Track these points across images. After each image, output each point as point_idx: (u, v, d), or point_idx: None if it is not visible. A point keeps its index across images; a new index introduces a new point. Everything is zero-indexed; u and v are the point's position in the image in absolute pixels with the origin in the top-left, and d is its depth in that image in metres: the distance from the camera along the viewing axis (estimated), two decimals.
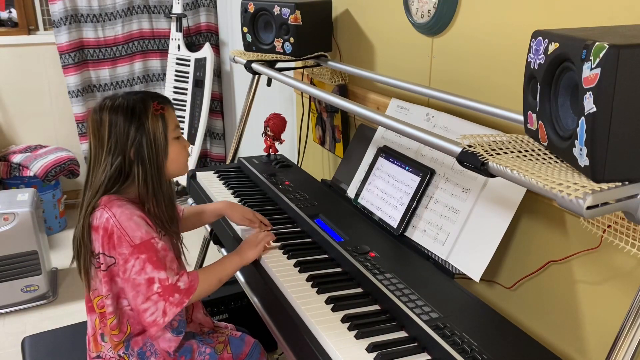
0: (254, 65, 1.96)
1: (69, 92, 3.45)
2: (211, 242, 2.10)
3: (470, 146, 1.02)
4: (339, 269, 1.39)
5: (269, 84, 2.10)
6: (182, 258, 1.44)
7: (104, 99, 1.31)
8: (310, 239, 1.54)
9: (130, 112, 1.26)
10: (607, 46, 0.72)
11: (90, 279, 1.31)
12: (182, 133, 3.45)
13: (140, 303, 1.23)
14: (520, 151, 0.98)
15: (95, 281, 1.30)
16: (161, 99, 1.33)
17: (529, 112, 0.96)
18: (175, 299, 1.23)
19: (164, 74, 3.61)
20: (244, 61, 1.99)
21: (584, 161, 0.80)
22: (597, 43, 0.74)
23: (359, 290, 1.30)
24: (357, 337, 1.11)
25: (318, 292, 1.27)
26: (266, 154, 2.18)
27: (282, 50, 1.96)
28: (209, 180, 1.99)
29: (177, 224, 1.42)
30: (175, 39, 3.44)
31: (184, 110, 3.47)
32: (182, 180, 3.46)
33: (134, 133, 1.25)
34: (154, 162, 1.28)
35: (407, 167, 1.54)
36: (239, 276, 1.57)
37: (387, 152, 1.63)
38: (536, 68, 0.91)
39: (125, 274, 1.23)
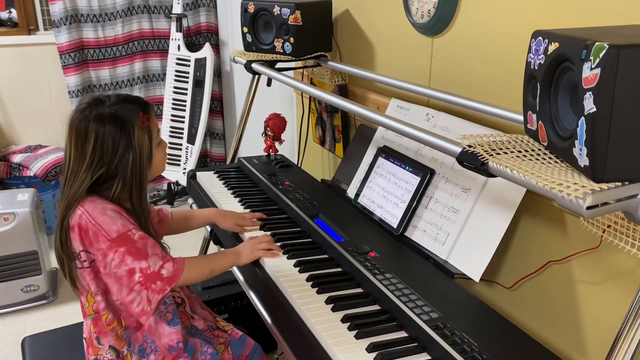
0: (254, 65, 1.96)
1: (69, 92, 3.45)
2: (211, 242, 2.11)
3: (470, 146, 1.02)
4: (339, 269, 1.39)
5: (269, 84, 2.10)
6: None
7: (85, 105, 1.26)
8: (310, 239, 1.54)
9: (119, 128, 1.23)
10: (607, 46, 0.72)
11: (78, 284, 1.30)
12: (182, 135, 3.47)
13: (125, 295, 1.23)
14: (520, 151, 0.98)
15: (82, 283, 1.30)
16: (145, 107, 1.30)
17: (529, 112, 0.96)
18: (157, 286, 1.22)
19: (164, 74, 3.61)
20: (244, 61, 1.99)
21: (584, 161, 0.80)
22: (597, 43, 0.74)
23: (359, 290, 1.30)
24: (357, 337, 1.11)
25: (318, 292, 1.27)
26: (266, 154, 2.18)
27: (282, 50, 1.96)
28: (209, 180, 1.99)
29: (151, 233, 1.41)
30: (175, 39, 3.43)
31: (184, 110, 3.47)
32: (182, 180, 3.47)
33: (122, 150, 1.24)
34: (137, 175, 1.27)
35: (407, 167, 1.54)
36: (239, 276, 1.57)
37: (387, 152, 1.63)
38: (536, 68, 0.91)
39: (105, 268, 1.23)
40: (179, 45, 3.44)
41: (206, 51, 3.41)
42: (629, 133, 0.75)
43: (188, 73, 3.44)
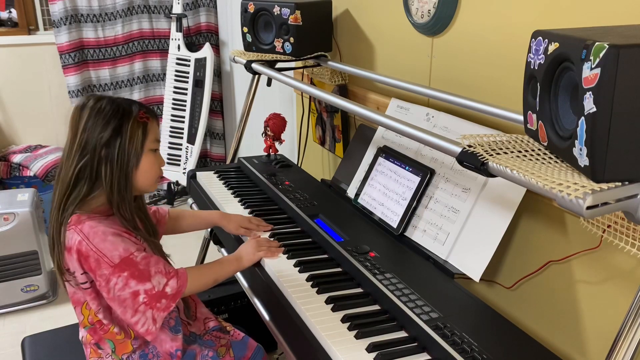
0: (254, 65, 1.96)
1: (69, 92, 3.45)
2: (211, 242, 2.11)
3: (470, 146, 1.02)
4: (339, 269, 1.39)
5: (269, 84, 2.10)
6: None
7: (88, 96, 1.27)
8: (310, 239, 1.54)
9: (112, 113, 1.22)
10: (607, 46, 0.72)
11: (71, 297, 1.29)
12: (182, 135, 3.47)
13: (130, 317, 1.21)
14: (520, 151, 0.98)
15: (75, 296, 1.29)
16: (149, 110, 1.29)
17: (529, 112, 0.96)
18: (162, 305, 1.22)
19: (164, 74, 3.61)
20: (244, 61, 1.99)
21: (584, 161, 0.80)
22: (597, 43, 0.74)
23: (359, 290, 1.30)
24: (357, 337, 1.11)
25: (318, 292, 1.27)
26: (266, 154, 2.18)
27: (282, 50, 1.96)
28: (209, 180, 1.99)
29: (156, 235, 1.40)
30: (175, 39, 3.43)
31: (184, 110, 3.47)
32: (182, 180, 3.46)
33: (109, 132, 1.21)
34: (123, 167, 1.23)
35: (407, 167, 1.54)
36: (239, 276, 1.57)
37: (387, 152, 1.63)
38: (536, 68, 0.91)
39: (109, 293, 1.21)
40: (179, 45, 3.44)
41: (206, 51, 3.41)
42: (629, 133, 0.75)
43: (188, 73, 3.44)
